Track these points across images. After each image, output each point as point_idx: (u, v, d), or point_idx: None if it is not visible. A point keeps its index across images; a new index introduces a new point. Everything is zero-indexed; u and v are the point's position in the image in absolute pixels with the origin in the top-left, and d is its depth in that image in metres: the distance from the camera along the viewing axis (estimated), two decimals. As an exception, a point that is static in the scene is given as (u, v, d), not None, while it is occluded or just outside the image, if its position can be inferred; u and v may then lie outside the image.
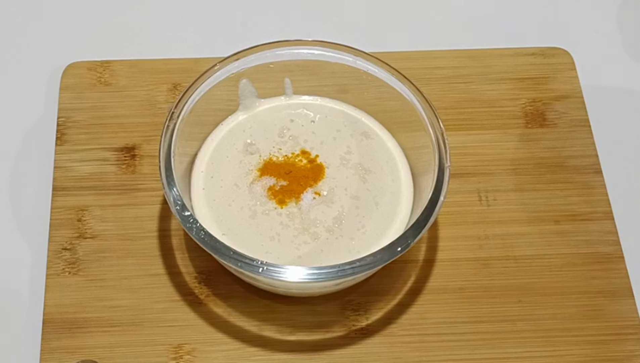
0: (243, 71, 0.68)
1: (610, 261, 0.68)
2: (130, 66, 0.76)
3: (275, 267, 0.58)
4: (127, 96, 0.74)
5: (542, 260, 0.68)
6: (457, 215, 0.69)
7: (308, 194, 0.65)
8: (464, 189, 0.70)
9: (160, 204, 0.69)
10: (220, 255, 0.59)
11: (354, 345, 0.65)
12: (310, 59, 0.68)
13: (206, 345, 0.64)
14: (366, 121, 0.70)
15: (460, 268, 0.68)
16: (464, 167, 0.71)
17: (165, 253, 0.67)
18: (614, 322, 0.66)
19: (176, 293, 0.66)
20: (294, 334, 0.65)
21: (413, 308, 0.66)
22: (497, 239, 0.69)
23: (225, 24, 0.81)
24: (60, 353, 0.63)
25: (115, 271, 0.66)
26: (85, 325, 0.64)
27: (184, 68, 0.75)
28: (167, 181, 0.61)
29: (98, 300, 0.65)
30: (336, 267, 0.58)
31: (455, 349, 0.65)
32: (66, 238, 0.68)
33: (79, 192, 0.70)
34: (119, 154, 0.72)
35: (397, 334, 0.65)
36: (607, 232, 0.70)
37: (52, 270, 0.66)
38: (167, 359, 0.63)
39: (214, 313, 0.65)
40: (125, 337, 0.64)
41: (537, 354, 0.65)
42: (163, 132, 0.63)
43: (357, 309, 0.66)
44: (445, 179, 0.62)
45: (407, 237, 0.60)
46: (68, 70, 0.75)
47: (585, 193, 0.71)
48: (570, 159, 0.72)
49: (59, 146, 0.72)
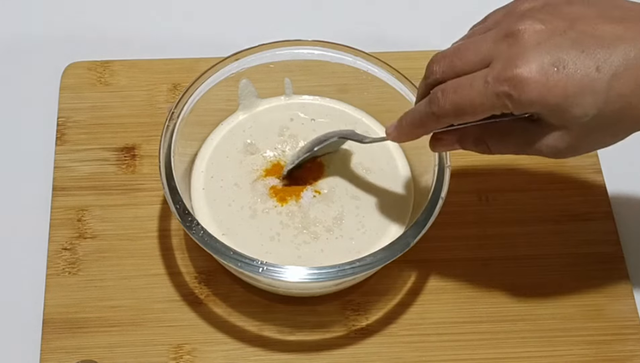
0: (243, 71, 0.68)
1: (610, 261, 0.68)
2: (130, 66, 0.76)
3: (275, 267, 0.58)
4: (127, 96, 0.74)
5: (542, 260, 0.68)
6: (457, 215, 0.69)
7: (308, 192, 0.65)
8: (464, 189, 0.70)
9: (160, 204, 0.69)
10: (220, 255, 0.59)
11: (354, 345, 0.65)
12: (310, 59, 0.68)
13: (206, 345, 0.64)
14: (366, 121, 0.70)
15: (460, 268, 0.68)
16: (464, 167, 0.71)
17: (165, 253, 0.67)
18: (614, 322, 0.66)
19: (176, 293, 0.66)
20: (294, 334, 0.65)
21: (413, 308, 0.66)
22: (497, 239, 0.69)
23: (225, 24, 0.81)
24: (60, 353, 0.63)
25: (115, 271, 0.66)
26: (85, 325, 0.64)
27: (184, 68, 0.75)
28: (167, 181, 0.61)
29: (98, 300, 0.65)
30: (336, 267, 0.58)
31: (455, 349, 0.65)
32: (66, 238, 0.68)
33: (79, 192, 0.70)
34: (119, 154, 0.72)
35: (397, 334, 0.65)
36: (607, 232, 0.70)
37: (52, 270, 0.66)
38: (167, 359, 0.63)
39: (214, 313, 0.65)
40: (125, 337, 0.64)
41: (537, 354, 0.65)
42: (163, 132, 0.63)
43: (357, 309, 0.66)
44: (446, 179, 0.62)
45: (407, 237, 0.60)
46: (68, 70, 0.75)
47: (585, 193, 0.71)
48: (570, 159, 0.72)
49: (59, 146, 0.72)
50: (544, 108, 0.51)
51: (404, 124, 0.58)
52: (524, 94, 0.50)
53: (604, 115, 0.51)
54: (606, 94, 0.50)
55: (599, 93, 0.50)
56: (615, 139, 0.54)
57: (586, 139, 0.53)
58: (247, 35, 0.72)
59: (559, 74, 0.50)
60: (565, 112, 0.51)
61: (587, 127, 0.51)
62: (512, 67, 0.50)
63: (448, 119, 0.54)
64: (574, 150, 0.54)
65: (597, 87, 0.50)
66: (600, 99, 0.50)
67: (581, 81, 0.50)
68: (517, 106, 0.51)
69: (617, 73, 0.50)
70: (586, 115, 0.51)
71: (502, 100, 0.51)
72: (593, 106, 0.50)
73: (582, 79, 0.50)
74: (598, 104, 0.50)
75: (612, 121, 0.52)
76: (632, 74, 0.50)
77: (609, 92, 0.50)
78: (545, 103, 0.50)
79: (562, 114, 0.51)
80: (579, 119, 0.51)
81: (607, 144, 0.54)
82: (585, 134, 0.52)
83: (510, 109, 0.51)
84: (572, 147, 0.53)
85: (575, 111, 0.50)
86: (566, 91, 0.50)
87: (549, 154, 0.54)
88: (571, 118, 0.51)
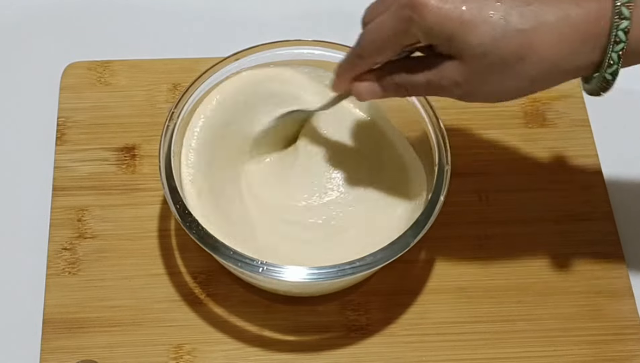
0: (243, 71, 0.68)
1: (610, 261, 0.68)
2: (130, 66, 0.76)
3: (275, 267, 0.58)
4: (127, 96, 0.74)
5: (542, 260, 0.68)
6: (457, 215, 0.69)
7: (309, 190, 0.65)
8: (464, 189, 0.70)
9: (160, 204, 0.69)
10: (220, 255, 0.59)
11: (354, 345, 0.65)
12: (310, 59, 0.68)
13: (206, 345, 0.64)
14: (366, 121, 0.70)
15: (460, 268, 0.68)
16: (464, 167, 0.71)
17: (165, 253, 0.67)
18: (614, 322, 0.66)
19: (176, 293, 0.66)
20: (294, 334, 0.65)
21: (413, 308, 0.66)
22: (497, 239, 0.69)
23: (226, 24, 0.81)
24: (60, 353, 0.63)
25: (115, 271, 0.67)
26: (85, 325, 0.64)
27: (184, 68, 0.75)
28: (167, 181, 0.61)
29: (98, 300, 0.65)
30: (336, 267, 0.58)
31: (455, 349, 0.65)
32: (66, 238, 0.68)
33: (79, 192, 0.70)
34: (119, 154, 0.72)
35: (397, 334, 0.65)
36: (607, 232, 0.70)
37: (52, 270, 0.66)
38: (167, 359, 0.63)
39: (214, 313, 0.65)
40: (125, 337, 0.64)
41: (537, 354, 0.65)
42: (163, 132, 0.63)
43: (357, 309, 0.66)
44: (446, 179, 0.62)
45: (407, 237, 0.60)
46: (68, 70, 0.75)
47: (585, 193, 0.71)
48: (570, 159, 0.72)
49: (59, 146, 0.72)
50: (442, 34, 0.52)
51: (338, 71, 0.59)
52: (422, 17, 0.51)
53: (500, 49, 0.51)
54: (504, 27, 0.51)
55: (496, 24, 0.51)
56: (519, 84, 0.54)
57: (484, 75, 0.53)
58: (247, 35, 0.72)
59: (458, 1, 0.51)
60: (461, 39, 0.51)
61: (485, 61, 0.52)
62: None
63: (370, 55, 0.56)
64: (472, 87, 0.54)
65: (495, 18, 0.51)
66: (497, 30, 0.51)
67: (480, 10, 0.51)
68: (419, 31, 0.52)
69: (518, 7, 0.51)
70: (480, 44, 0.51)
71: (405, 24, 0.52)
72: (488, 35, 0.51)
73: (481, 9, 0.51)
74: (494, 34, 0.51)
75: (511, 60, 0.52)
76: (533, 10, 0.51)
77: (506, 25, 0.51)
78: (442, 28, 0.51)
79: (458, 42, 0.51)
80: (474, 49, 0.51)
81: (510, 89, 0.54)
82: (483, 70, 0.52)
83: (415, 36, 0.53)
84: (469, 82, 0.53)
85: (470, 38, 0.51)
86: (462, 17, 0.51)
87: (451, 89, 0.54)
88: (466, 47, 0.51)
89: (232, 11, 0.82)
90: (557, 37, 0.51)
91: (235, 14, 0.82)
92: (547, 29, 0.51)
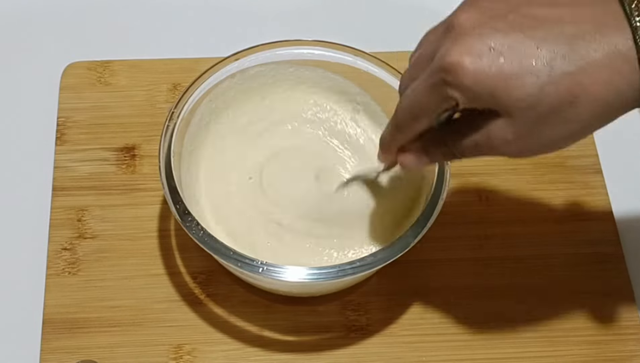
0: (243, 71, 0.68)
1: (610, 261, 0.68)
2: (130, 66, 0.76)
3: (275, 267, 0.58)
4: (127, 96, 0.74)
5: (542, 260, 0.68)
6: (457, 215, 0.69)
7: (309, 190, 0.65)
8: (464, 189, 0.70)
9: (160, 204, 0.69)
10: (220, 255, 0.59)
11: (354, 345, 0.65)
12: (310, 59, 0.68)
13: (206, 345, 0.64)
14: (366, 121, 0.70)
15: (460, 268, 0.68)
16: (464, 167, 0.71)
17: (165, 253, 0.68)
18: (614, 322, 0.66)
19: (176, 293, 0.66)
20: (294, 334, 0.65)
21: (413, 308, 0.66)
22: (497, 239, 0.69)
23: (225, 24, 0.81)
24: (60, 353, 0.63)
25: (115, 271, 0.67)
26: (85, 325, 0.64)
27: (184, 68, 0.75)
28: (167, 181, 0.61)
29: (98, 300, 0.65)
30: (336, 267, 0.58)
31: (455, 349, 0.65)
32: (66, 238, 0.68)
33: (79, 192, 0.70)
34: (119, 154, 0.72)
35: (397, 334, 0.65)
36: (607, 232, 0.70)
37: (52, 270, 0.66)
38: (167, 359, 0.63)
39: (214, 313, 0.65)
40: (125, 337, 0.64)
41: (537, 354, 0.65)
42: (163, 132, 0.63)
43: (357, 309, 0.66)
44: (446, 179, 0.62)
45: (407, 237, 0.60)
46: (68, 70, 0.75)
47: (585, 193, 0.71)
48: (570, 159, 0.72)
49: (59, 146, 0.72)
50: (483, 93, 0.48)
51: (381, 144, 0.57)
52: (459, 80, 0.47)
53: (550, 97, 0.47)
54: (549, 73, 0.47)
55: (541, 72, 0.47)
56: (572, 130, 0.49)
57: (535, 127, 0.49)
58: (247, 35, 0.72)
59: (495, 55, 0.47)
60: (505, 95, 0.47)
61: (534, 113, 0.48)
62: (446, 55, 0.48)
63: (407, 124, 0.52)
64: (525, 142, 0.50)
65: (538, 66, 0.47)
66: (542, 78, 0.47)
67: (520, 61, 0.47)
68: (457, 94, 0.48)
69: (559, 51, 0.47)
70: (528, 96, 0.47)
71: (441, 90, 0.48)
72: (534, 86, 0.47)
73: (521, 59, 0.47)
74: (540, 83, 0.47)
75: (561, 106, 0.48)
76: (576, 50, 0.47)
77: (552, 71, 0.47)
78: (483, 87, 0.47)
79: (503, 98, 0.48)
80: (521, 102, 0.47)
81: (564, 135, 0.50)
82: (533, 122, 0.48)
83: (453, 99, 0.49)
84: (521, 138, 0.49)
85: (516, 93, 0.47)
86: (502, 72, 0.47)
87: (502, 148, 0.50)
88: (513, 101, 0.47)
89: (232, 11, 0.82)
90: (608, 72, 0.47)
91: (235, 14, 0.82)
92: (596, 67, 0.47)
